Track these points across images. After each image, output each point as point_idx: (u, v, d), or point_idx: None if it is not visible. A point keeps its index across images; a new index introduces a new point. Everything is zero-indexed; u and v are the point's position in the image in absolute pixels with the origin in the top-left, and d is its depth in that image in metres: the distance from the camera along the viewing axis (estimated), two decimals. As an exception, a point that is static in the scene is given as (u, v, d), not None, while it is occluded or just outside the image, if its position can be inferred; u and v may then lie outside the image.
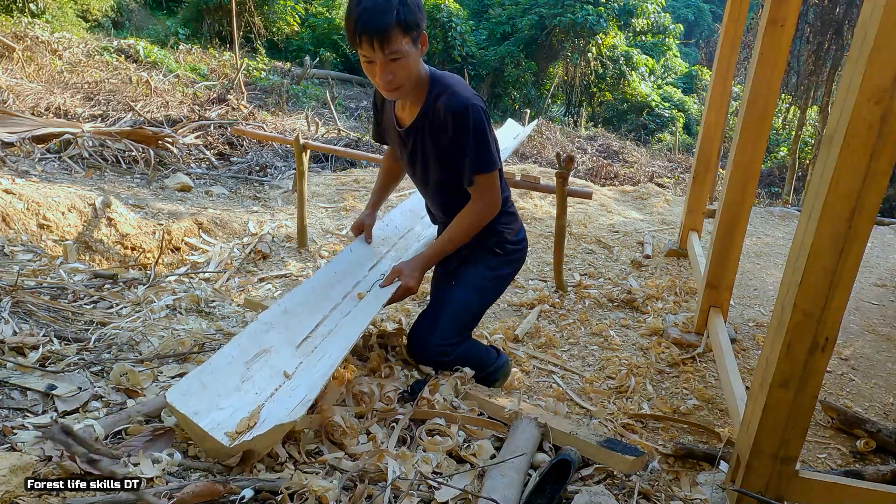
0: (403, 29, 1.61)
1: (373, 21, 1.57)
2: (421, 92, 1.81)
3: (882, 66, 1.14)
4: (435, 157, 1.88)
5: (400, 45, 1.63)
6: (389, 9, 1.57)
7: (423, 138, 1.86)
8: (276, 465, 1.40)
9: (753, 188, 2.45)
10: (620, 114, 17.42)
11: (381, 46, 1.60)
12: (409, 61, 1.68)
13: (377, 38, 1.59)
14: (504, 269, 2.06)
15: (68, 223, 3.21)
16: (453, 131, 1.77)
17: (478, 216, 1.91)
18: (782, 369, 1.37)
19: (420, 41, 1.69)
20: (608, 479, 1.57)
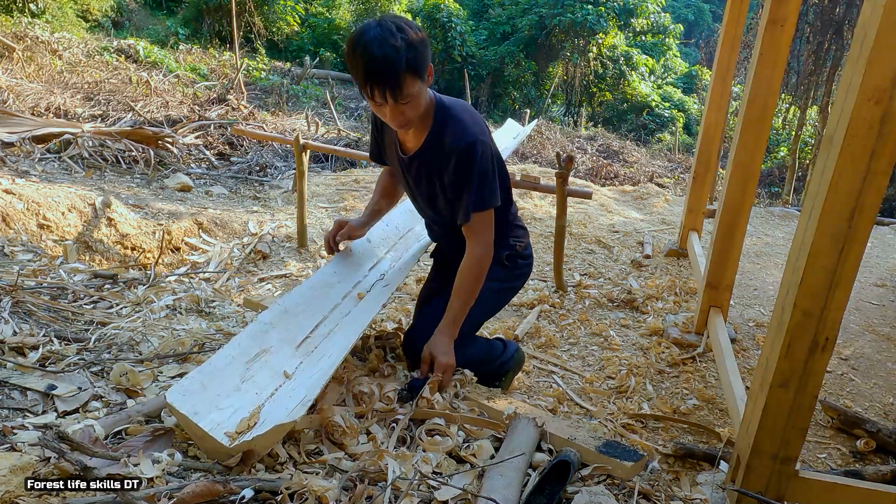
0: (413, 74, 1.58)
1: (382, 73, 1.54)
2: (426, 118, 1.77)
3: (882, 66, 1.14)
4: (439, 187, 1.84)
5: (411, 90, 1.60)
6: (398, 57, 1.53)
7: (427, 168, 1.82)
8: (276, 465, 1.40)
9: (753, 188, 2.45)
10: (620, 114, 17.42)
11: (392, 96, 1.58)
12: (419, 100, 1.66)
13: (389, 89, 1.56)
14: (510, 282, 2.03)
15: (68, 223, 3.21)
16: (455, 167, 1.73)
17: (479, 262, 1.84)
18: (782, 369, 1.37)
19: (427, 73, 1.66)
20: (608, 479, 1.57)
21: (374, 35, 1.54)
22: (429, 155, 1.79)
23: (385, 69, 1.53)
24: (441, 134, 1.75)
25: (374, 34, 1.54)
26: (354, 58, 1.57)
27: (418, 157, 1.82)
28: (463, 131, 1.73)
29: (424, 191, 1.90)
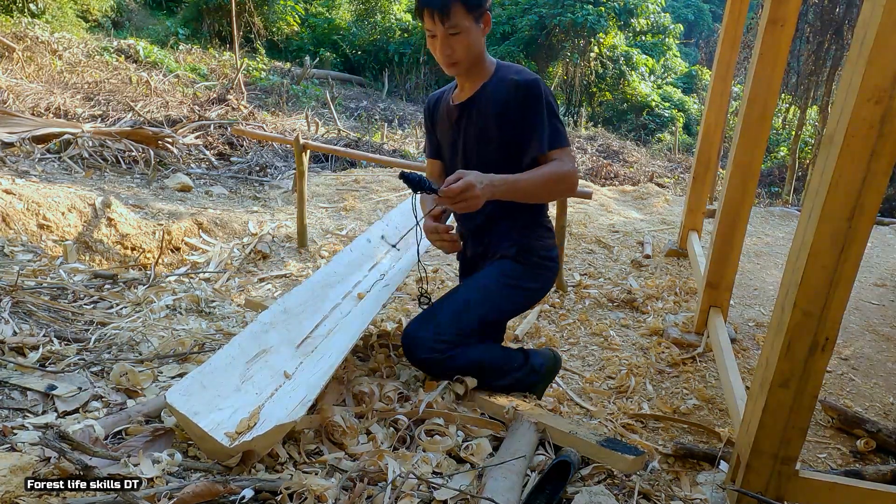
0: (466, 6, 1.64)
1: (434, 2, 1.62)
2: (484, 74, 1.80)
3: (882, 66, 1.14)
4: (491, 133, 1.78)
5: (460, 21, 1.65)
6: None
7: (483, 110, 1.79)
8: (276, 465, 1.40)
9: (753, 188, 2.45)
10: (620, 114, 17.42)
11: (441, 20, 1.64)
12: (469, 38, 1.69)
13: (437, 12, 1.63)
14: (525, 281, 1.85)
15: (68, 223, 3.21)
16: (525, 103, 1.73)
17: (564, 173, 1.70)
18: (782, 369, 1.37)
19: (483, 20, 1.71)
20: (608, 479, 1.57)
21: None
22: (487, 96, 1.78)
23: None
24: (503, 77, 1.77)
25: None
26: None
27: (474, 100, 1.81)
28: (525, 72, 1.76)
29: (475, 137, 1.83)
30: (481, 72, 1.80)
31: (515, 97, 1.73)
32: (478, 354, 1.77)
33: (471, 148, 1.85)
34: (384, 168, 6.02)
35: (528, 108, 1.73)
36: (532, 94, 1.72)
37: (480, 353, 1.78)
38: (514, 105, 1.74)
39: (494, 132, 1.78)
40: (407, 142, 8.99)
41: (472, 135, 1.83)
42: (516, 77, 1.75)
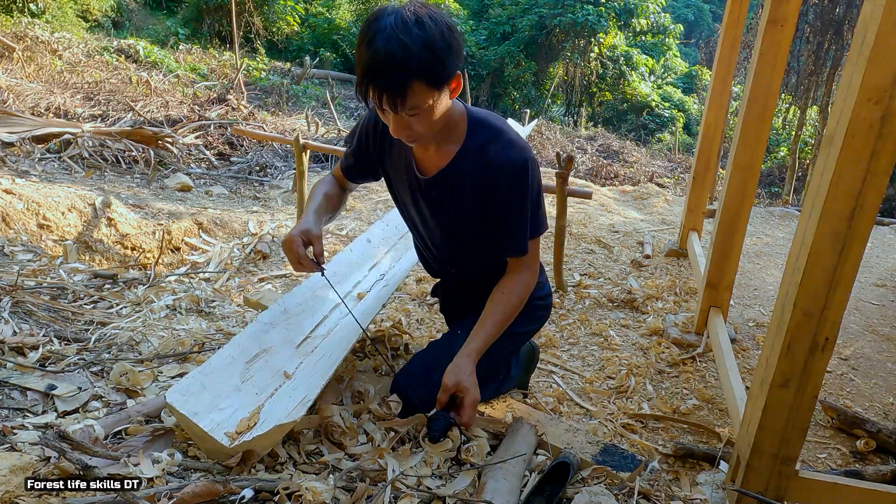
0: (426, 82, 1.29)
1: (382, 74, 1.26)
2: (455, 134, 1.51)
3: (882, 66, 1.14)
4: (469, 215, 1.57)
5: (420, 101, 1.31)
6: (408, 58, 1.24)
7: (454, 191, 1.54)
8: (276, 466, 1.40)
9: (753, 188, 2.44)
10: (620, 114, 17.43)
11: (392, 105, 1.30)
12: (433, 114, 1.37)
13: (388, 95, 1.29)
14: (525, 326, 1.78)
15: (68, 223, 3.21)
16: (506, 187, 1.48)
17: (527, 286, 1.61)
18: (782, 369, 1.37)
19: (451, 85, 1.37)
20: (608, 478, 1.57)
21: (385, 24, 1.26)
22: (460, 174, 1.51)
23: (387, 70, 1.25)
24: (483, 151, 1.49)
25: (387, 23, 1.26)
26: (360, 48, 1.30)
27: (443, 178, 1.53)
28: (513, 147, 1.48)
29: (445, 220, 1.63)
30: (452, 136, 1.51)
31: (498, 184, 1.49)
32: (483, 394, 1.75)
33: (440, 232, 1.68)
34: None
35: (509, 194, 1.50)
36: (518, 186, 1.49)
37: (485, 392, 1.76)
38: (496, 193, 1.50)
39: (472, 215, 1.57)
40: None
41: (444, 218, 1.63)
42: (501, 158, 1.47)
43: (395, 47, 1.24)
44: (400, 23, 1.25)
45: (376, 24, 1.27)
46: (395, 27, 1.25)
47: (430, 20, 1.28)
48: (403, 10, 1.28)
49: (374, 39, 1.26)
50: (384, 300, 2.02)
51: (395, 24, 1.25)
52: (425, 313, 2.69)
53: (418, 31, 1.26)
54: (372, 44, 1.26)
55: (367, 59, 1.27)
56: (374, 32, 1.26)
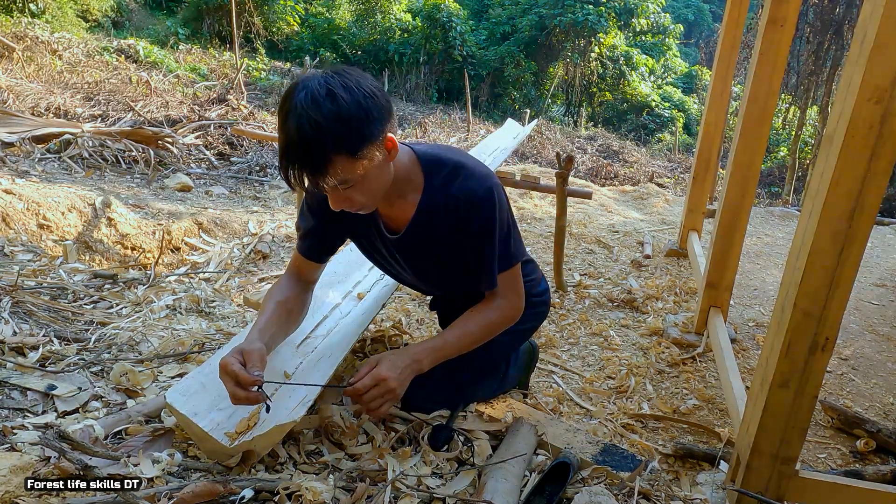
0: (349, 154, 1.23)
1: (301, 156, 1.21)
2: (412, 183, 1.46)
3: (882, 66, 1.14)
4: (443, 258, 1.54)
5: (347, 174, 1.25)
6: (321, 135, 1.18)
7: (428, 239, 1.50)
8: (276, 466, 1.40)
9: (753, 188, 2.44)
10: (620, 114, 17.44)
11: (315, 184, 1.25)
12: (368, 182, 1.30)
13: (308, 174, 1.23)
14: (524, 323, 1.74)
15: (68, 223, 3.21)
16: (477, 221, 1.44)
17: (499, 318, 1.56)
18: (782, 369, 1.37)
19: (383, 146, 1.30)
20: (608, 478, 1.57)
21: (296, 102, 1.20)
22: (429, 222, 1.47)
23: (301, 150, 1.20)
24: (445, 191, 1.44)
25: (297, 101, 1.20)
26: (278, 129, 1.25)
27: (413, 231, 1.49)
28: (474, 178, 1.44)
29: (426, 269, 1.61)
30: (409, 186, 1.46)
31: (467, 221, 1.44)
32: (471, 398, 1.78)
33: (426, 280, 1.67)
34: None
35: (479, 228, 1.45)
36: (486, 217, 1.44)
37: (473, 397, 1.78)
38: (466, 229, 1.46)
39: (446, 258, 1.54)
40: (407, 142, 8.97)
41: (425, 268, 1.61)
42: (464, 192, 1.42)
43: (306, 125, 1.18)
44: (310, 100, 1.19)
45: (288, 104, 1.22)
46: (305, 105, 1.19)
47: (344, 90, 1.21)
48: (314, 83, 1.21)
49: (287, 119, 1.21)
50: (384, 300, 2.02)
51: (305, 102, 1.19)
52: (425, 313, 2.69)
53: (330, 106, 1.19)
54: (285, 124, 1.22)
55: (282, 140, 1.23)
56: (287, 112, 1.21)
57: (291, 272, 1.62)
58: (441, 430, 1.57)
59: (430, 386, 1.63)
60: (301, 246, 1.58)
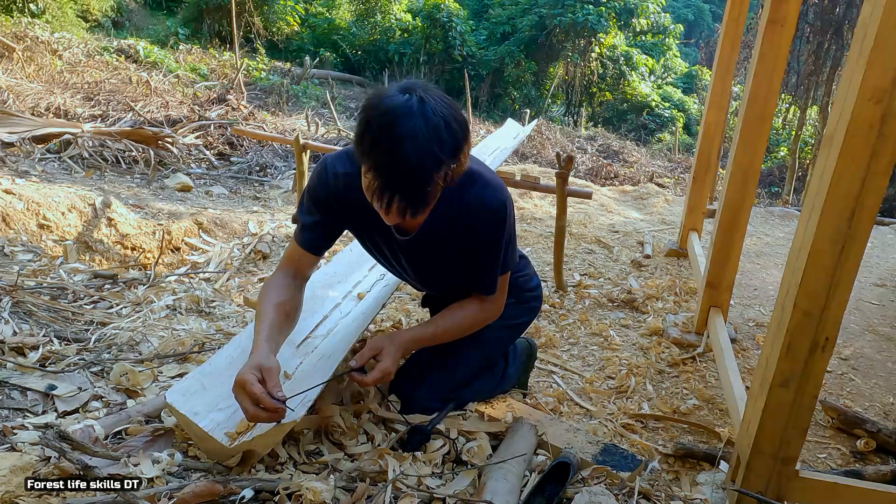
0: (446, 183, 1.26)
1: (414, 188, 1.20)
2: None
3: (882, 66, 1.14)
4: (447, 262, 1.57)
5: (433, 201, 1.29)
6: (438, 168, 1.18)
7: (436, 243, 1.51)
8: (276, 466, 1.40)
9: (753, 188, 2.44)
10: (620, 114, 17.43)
11: (413, 214, 1.26)
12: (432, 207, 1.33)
13: (410, 207, 1.23)
14: (520, 317, 1.83)
15: (68, 223, 3.21)
16: (485, 231, 1.47)
17: (485, 318, 1.65)
18: (782, 369, 1.37)
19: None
20: (608, 478, 1.57)
21: (415, 129, 1.16)
22: (442, 225, 1.48)
23: (417, 182, 1.19)
24: (460, 195, 1.44)
25: (416, 128, 1.16)
26: (378, 149, 1.18)
27: (426, 232, 1.50)
28: (489, 187, 1.45)
29: (422, 269, 1.64)
30: None
31: (476, 228, 1.47)
32: (469, 397, 1.78)
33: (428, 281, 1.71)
34: (384, 168, 6.00)
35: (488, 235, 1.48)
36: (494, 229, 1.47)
37: (471, 395, 1.79)
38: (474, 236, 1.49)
39: (450, 262, 1.57)
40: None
41: (429, 269, 1.63)
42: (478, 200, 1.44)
43: (429, 160, 1.16)
44: (432, 130, 1.16)
45: (401, 128, 1.16)
46: (429, 135, 1.16)
47: (455, 121, 1.21)
48: (430, 107, 1.18)
49: (403, 145, 1.15)
50: (384, 300, 2.02)
51: (428, 132, 1.16)
52: (425, 313, 2.69)
53: (450, 141, 1.19)
54: (398, 151, 1.15)
55: (388, 166, 1.17)
56: (401, 137, 1.15)
57: (288, 267, 1.57)
58: (416, 432, 1.57)
59: (429, 383, 1.65)
60: (302, 238, 1.54)
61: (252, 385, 1.21)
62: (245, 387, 1.21)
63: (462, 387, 1.74)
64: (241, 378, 1.23)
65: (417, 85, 1.23)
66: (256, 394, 1.20)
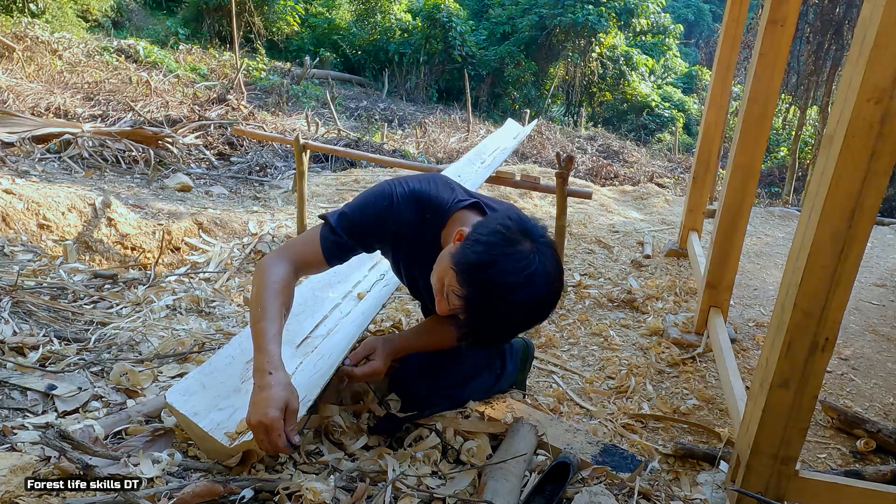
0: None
1: (542, 318, 1.35)
2: None
3: (882, 66, 1.14)
4: None
5: None
6: (513, 329, 1.36)
7: None
8: (276, 466, 1.40)
9: (753, 188, 2.44)
10: (620, 114, 17.44)
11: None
12: None
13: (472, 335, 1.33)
14: None
15: (68, 223, 3.21)
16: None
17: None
18: (782, 369, 1.37)
19: None
20: (608, 478, 1.57)
21: (516, 314, 1.28)
22: None
23: (543, 315, 1.34)
24: None
25: (518, 314, 1.28)
26: (488, 301, 1.25)
27: None
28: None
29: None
30: None
31: None
32: (467, 395, 1.78)
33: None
34: (384, 168, 6.01)
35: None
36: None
37: (471, 393, 1.78)
38: None
39: None
40: (407, 142, 8.99)
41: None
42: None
43: (520, 325, 1.32)
44: (535, 306, 1.28)
45: (514, 294, 1.23)
46: (529, 310, 1.27)
47: (558, 280, 1.31)
48: (541, 288, 1.26)
49: (508, 311, 1.25)
50: (384, 300, 2.02)
51: (530, 307, 1.27)
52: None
53: (550, 307, 1.32)
54: (500, 312, 1.25)
55: (486, 323, 1.28)
56: (510, 305, 1.24)
57: (296, 263, 1.48)
58: (388, 420, 1.60)
59: (427, 382, 1.67)
60: (330, 253, 1.48)
61: (280, 437, 1.21)
62: (269, 432, 1.20)
63: (460, 385, 1.74)
64: (272, 422, 1.20)
65: (545, 245, 1.29)
66: (275, 443, 1.21)
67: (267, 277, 1.41)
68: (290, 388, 1.27)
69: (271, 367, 1.27)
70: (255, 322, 1.35)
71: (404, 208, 1.46)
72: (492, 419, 1.72)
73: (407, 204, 1.46)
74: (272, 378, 1.25)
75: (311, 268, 1.54)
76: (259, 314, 1.34)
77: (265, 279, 1.40)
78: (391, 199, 1.46)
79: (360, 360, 1.57)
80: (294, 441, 1.23)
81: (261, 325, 1.33)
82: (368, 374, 1.56)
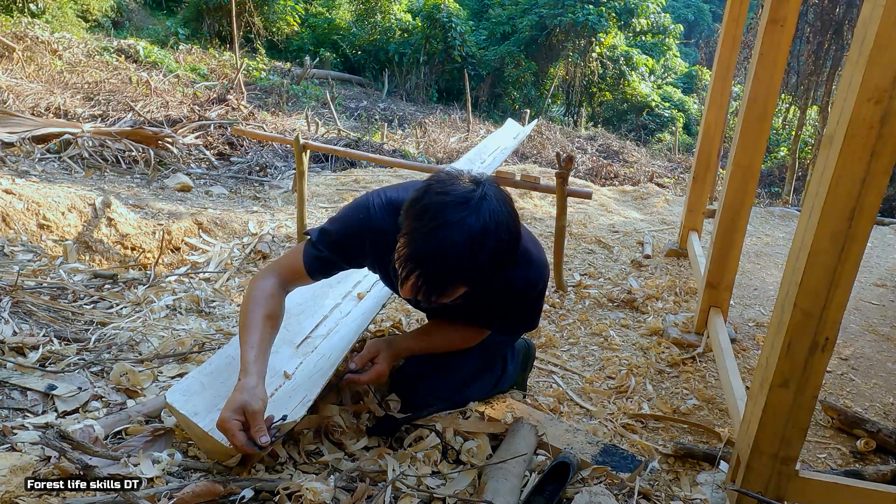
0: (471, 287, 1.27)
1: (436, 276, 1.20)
2: None
3: (882, 66, 1.14)
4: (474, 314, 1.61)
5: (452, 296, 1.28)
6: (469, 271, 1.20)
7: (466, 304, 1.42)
8: (276, 466, 1.40)
9: (753, 188, 2.44)
10: (620, 114, 17.43)
11: (426, 300, 1.26)
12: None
13: (425, 290, 1.22)
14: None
15: (68, 223, 3.21)
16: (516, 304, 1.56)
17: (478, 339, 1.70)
18: (782, 369, 1.37)
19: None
20: (608, 478, 1.57)
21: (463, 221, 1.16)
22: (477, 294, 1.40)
23: (439, 272, 1.20)
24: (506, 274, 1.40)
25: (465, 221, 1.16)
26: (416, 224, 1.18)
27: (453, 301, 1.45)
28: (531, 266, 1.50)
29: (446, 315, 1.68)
30: None
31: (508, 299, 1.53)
32: (468, 396, 1.78)
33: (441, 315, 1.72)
34: (384, 168, 6.01)
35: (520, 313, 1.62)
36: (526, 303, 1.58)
37: (470, 395, 1.79)
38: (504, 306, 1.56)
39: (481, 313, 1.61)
40: (407, 142, 8.99)
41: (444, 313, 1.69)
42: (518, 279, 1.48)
43: (461, 263, 1.17)
44: (478, 230, 1.16)
45: (452, 214, 1.16)
46: (472, 232, 1.16)
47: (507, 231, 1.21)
48: (484, 208, 1.17)
49: (445, 230, 1.16)
50: (384, 300, 2.02)
51: (473, 231, 1.16)
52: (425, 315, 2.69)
53: (491, 245, 1.18)
54: (438, 232, 1.16)
55: (424, 243, 1.17)
56: (447, 223, 1.16)
57: (283, 276, 1.52)
58: (386, 422, 1.61)
59: (428, 384, 1.67)
60: (312, 267, 1.51)
61: (234, 436, 1.23)
62: (227, 434, 1.24)
63: (460, 388, 1.74)
64: (223, 425, 1.23)
65: (489, 183, 1.24)
66: (237, 445, 1.24)
67: (253, 290, 1.49)
68: (250, 391, 1.28)
69: (241, 372, 1.34)
70: (239, 331, 1.44)
71: (381, 217, 1.45)
72: (492, 419, 1.72)
73: (384, 213, 1.45)
74: (239, 383, 1.31)
75: (297, 282, 1.57)
76: (241, 322, 1.43)
77: (251, 291, 1.48)
78: (367, 210, 1.47)
79: (364, 364, 1.58)
80: (260, 442, 1.25)
81: (241, 333, 1.42)
82: (373, 379, 1.58)
